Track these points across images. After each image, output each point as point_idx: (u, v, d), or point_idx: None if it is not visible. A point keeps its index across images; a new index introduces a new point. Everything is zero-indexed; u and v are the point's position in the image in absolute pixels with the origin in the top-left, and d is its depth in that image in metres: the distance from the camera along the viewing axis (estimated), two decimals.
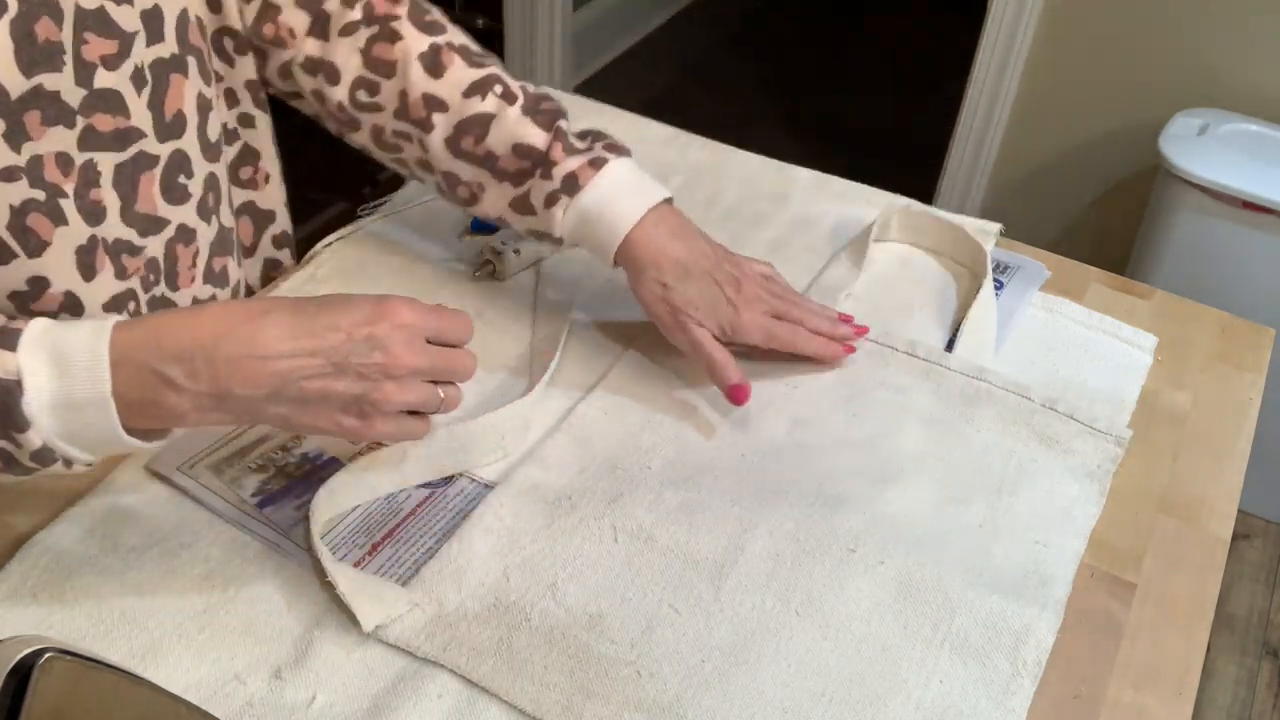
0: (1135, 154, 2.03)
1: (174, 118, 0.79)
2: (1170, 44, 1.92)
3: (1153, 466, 0.86)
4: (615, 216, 0.83)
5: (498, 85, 0.85)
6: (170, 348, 0.61)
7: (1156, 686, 0.71)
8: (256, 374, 0.62)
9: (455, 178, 0.87)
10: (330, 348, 0.63)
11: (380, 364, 0.64)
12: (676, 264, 0.83)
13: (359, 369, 0.64)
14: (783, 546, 0.76)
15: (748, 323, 0.85)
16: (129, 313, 0.80)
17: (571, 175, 0.83)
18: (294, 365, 0.63)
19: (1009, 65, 2.05)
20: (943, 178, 2.23)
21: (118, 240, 0.78)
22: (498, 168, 0.85)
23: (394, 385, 0.65)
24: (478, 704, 0.66)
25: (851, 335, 0.90)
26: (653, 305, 0.84)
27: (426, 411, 0.69)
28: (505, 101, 0.85)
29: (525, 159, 0.84)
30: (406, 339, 0.65)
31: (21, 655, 0.51)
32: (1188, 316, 1.01)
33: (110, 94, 0.74)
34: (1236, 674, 1.75)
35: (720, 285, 0.84)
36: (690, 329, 0.84)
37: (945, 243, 1.04)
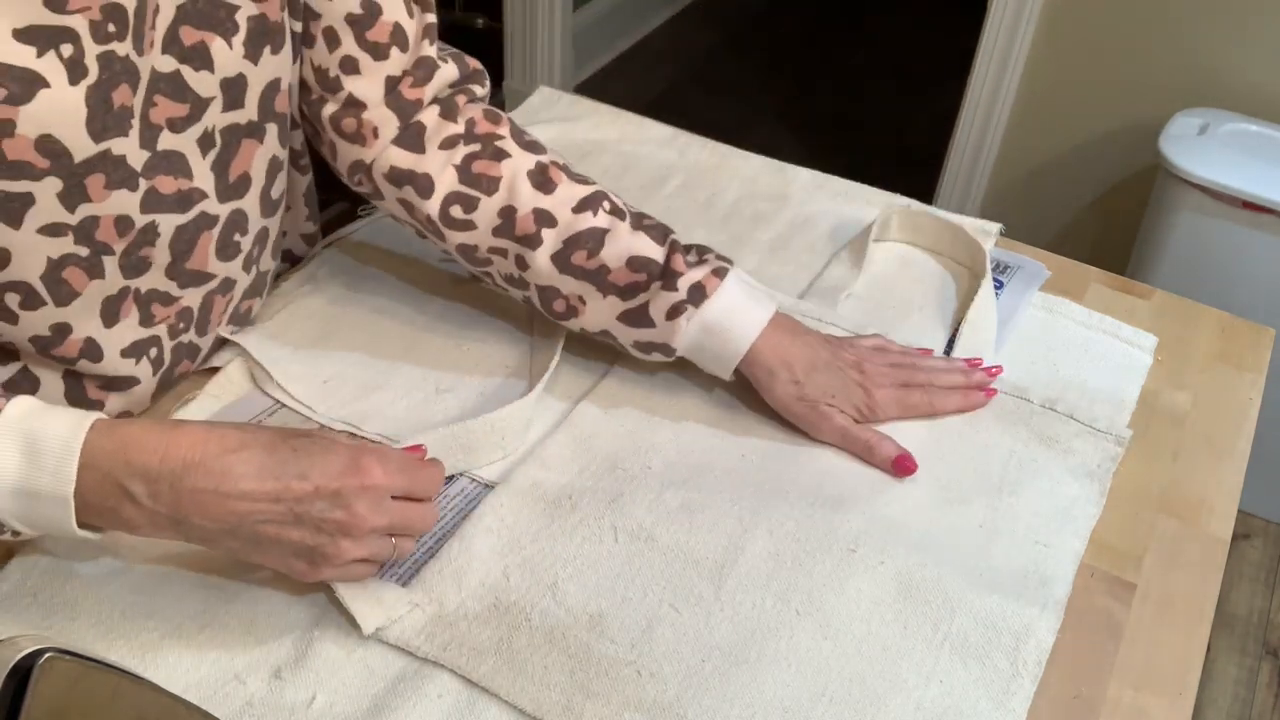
0: (1135, 154, 2.03)
1: (238, 179, 0.79)
2: (1170, 44, 1.92)
3: (1153, 466, 0.86)
4: (742, 325, 0.82)
5: (606, 202, 0.85)
6: (138, 465, 0.61)
7: (1156, 686, 0.71)
8: (216, 510, 0.62)
9: (555, 291, 0.85)
10: (294, 498, 0.63)
11: (340, 521, 0.64)
12: (803, 361, 0.83)
13: (318, 523, 0.64)
14: (783, 546, 0.76)
15: (882, 400, 0.85)
16: (149, 358, 0.81)
17: (698, 285, 0.82)
18: (254, 509, 0.62)
19: (1009, 65, 2.05)
20: (943, 178, 2.23)
21: (152, 290, 0.78)
22: (607, 281, 0.83)
23: (349, 542, 0.65)
24: (478, 704, 0.66)
25: (988, 380, 0.89)
26: (792, 405, 0.83)
27: (377, 561, 0.68)
28: (616, 217, 0.84)
29: (641, 271, 0.83)
30: (372, 500, 0.64)
31: (21, 655, 0.51)
32: (1188, 316, 1.01)
33: (174, 155, 0.74)
34: (1236, 674, 1.75)
35: (845, 370, 0.84)
36: (834, 418, 0.83)
37: (945, 243, 1.04)
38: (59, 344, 0.75)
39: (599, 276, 0.83)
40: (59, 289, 0.72)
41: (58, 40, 0.64)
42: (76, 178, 0.68)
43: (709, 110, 2.90)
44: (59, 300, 0.73)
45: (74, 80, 0.65)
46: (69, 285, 0.73)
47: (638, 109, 1.21)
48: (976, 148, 2.16)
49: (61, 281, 0.72)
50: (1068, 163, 2.12)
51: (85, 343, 0.76)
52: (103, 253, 0.73)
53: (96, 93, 0.67)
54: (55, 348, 0.75)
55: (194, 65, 0.73)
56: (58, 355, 0.76)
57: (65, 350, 0.76)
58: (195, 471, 0.61)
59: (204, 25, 0.73)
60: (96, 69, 0.66)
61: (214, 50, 0.74)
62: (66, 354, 0.76)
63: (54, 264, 0.71)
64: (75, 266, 0.72)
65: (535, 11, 2.62)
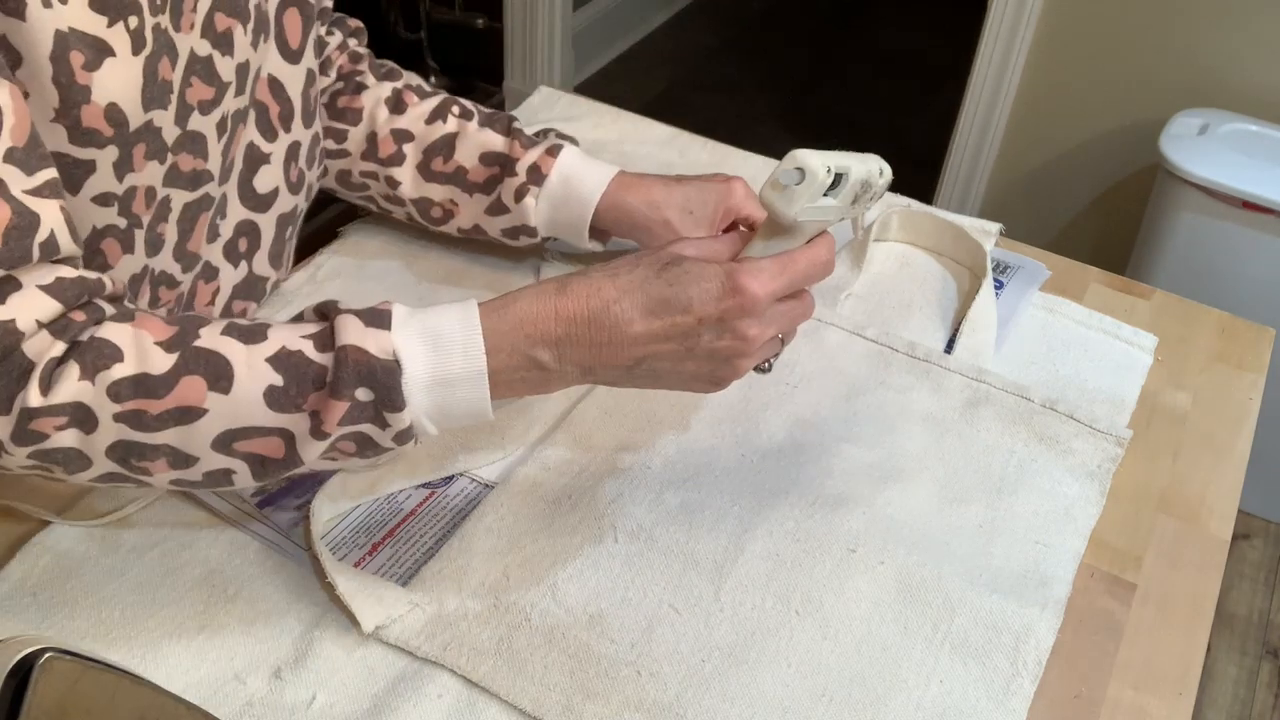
0: (1135, 154, 2.03)
1: (229, 163, 0.81)
2: (1170, 44, 1.92)
3: (1153, 466, 0.86)
4: (584, 190, 0.89)
5: (455, 106, 0.93)
6: (538, 335, 0.65)
7: (1156, 686, 0.71)
8: (615, 357, 0.65)
9: (428, 201, 0.93)
10: (681, 333, 0.65)
11: (729, 347, 0.66)
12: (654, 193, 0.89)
13: (709, 351, 0.66)
14: (783, 546, 0.76)
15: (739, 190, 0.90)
16: None
17: (534, 166, 0.89)
18: (648, 350, 0.65)
19: (1009, 65, 2.05)
20: (943, 178, 2.23)
21: (162, 272, 0.79)
22: (468, 181, 0.91)
23: (743, 360, 0.67)
24: (478, 704, 0.66)
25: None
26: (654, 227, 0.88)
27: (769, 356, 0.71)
28: (464, 119, 0.92)
29: (494, 165, 0.91)
30: (755, 318, 0.65)
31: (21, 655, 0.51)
32: (1188, 316, 1.01)
33: (198, 136, 0.75)
34: (1236, 674, 1.75)
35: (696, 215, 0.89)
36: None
37: (945, 243, 1.04)
38: None
39: (460, 178, 0.91)
40: (94, 258, 0.72)
41: (126, 12, 0.65)
42: (128, 147, 0.69)
43: (709, 110, 2.90)
44: (95, 270, 0.72)
45: (135, 51, 0.66)
46: (104, 257, 0.72)
47: (638, 109, 1.21)
48: (976, 148, 2.16)
49: (98, 252, 0.72)
50: (1068, 163, 2.12)
51: None
52: (134, 225, 0.73)
53: (149, 64, 0.68)
54: None
55: (222, 51, 0.75)
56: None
57: None
58: (590, 327, 0.64)
59: (232, 13, 0.75)
60: (151, 41, 0.68)
61: (235, 37, 0.76)
62: None
63: (97, 233, 0.71)
64: (113, 238, 0.72)
65: (535, 11, 2.62)
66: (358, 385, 0.62)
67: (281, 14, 0.81)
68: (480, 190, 0.92)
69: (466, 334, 0.64)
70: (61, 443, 0.61)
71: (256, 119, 0.82)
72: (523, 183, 0.89)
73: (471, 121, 0.92)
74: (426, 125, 0.92)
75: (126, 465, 0.63)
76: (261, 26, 0.79)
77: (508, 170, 0.90)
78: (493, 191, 0.91)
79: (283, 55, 0.82)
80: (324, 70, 0.94)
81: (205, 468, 0.64)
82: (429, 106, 0.93)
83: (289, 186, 0.86)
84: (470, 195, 0.92)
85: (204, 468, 0.64)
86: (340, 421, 0.62)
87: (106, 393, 0.61)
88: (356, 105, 0.93)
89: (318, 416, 0.62)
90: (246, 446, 0.63)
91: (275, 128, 0.84)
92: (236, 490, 0.73)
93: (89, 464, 0.63)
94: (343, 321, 0.63)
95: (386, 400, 0.62)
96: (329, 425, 0.62)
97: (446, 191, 0.92)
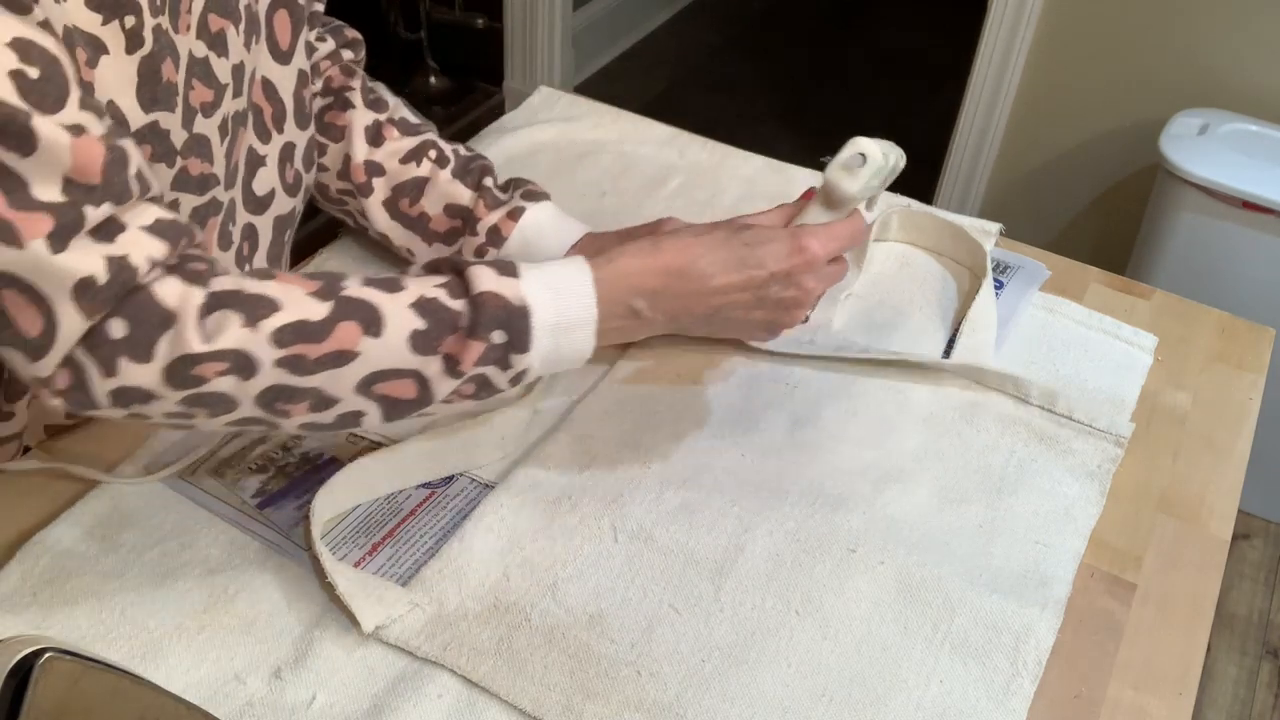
0: (1135, 154, 2.03)
1: (233, 168, 0.81)
2: (1170, 44, 1.92)
3: (1153, 466, 0.86)
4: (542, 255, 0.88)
5: (433, 150, 0.93)
6: (639, 286, 0.72)
7: (1156, 686, 0.71)
8: (699, 306, 0.74)
9: (388, 239, 0.94)
10: (756, 285, 0.74)
11: (793, 298, 0.76)
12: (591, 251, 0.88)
13: (775, 302, 0.75)
14: (783, 546, 0.76)
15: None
16: None
17: (494, 228, 0.89)
18: (727, 299, 0.74)
19: (1009, 65, 2.05)
20: (943, 178, 2.23)
21: None
22: (429, 230, 0.92)
23: (799, 310, 0.77)
24: (478, 704, 0.66)
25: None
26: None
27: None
28: (438, 165, 0.92)
29: (456, 218, 0.91)
30: (814, 273, 0.75)
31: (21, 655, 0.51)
32: (1188, 316, 1.01)
33: (203, 140, 0.75)
34: (1236, 674, 1.75)
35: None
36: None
37: (945, 243, 1.04)
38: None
39: (422, 225, 0.92)
40: None
41: (123, 11, 0.66)
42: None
43: (709, 110, 2.90)
44: None
45: (130, 50, 0.67)
46: None
47: (638, 109, 1.21)
48: (976, 148, 2.16)
49: None
50: (1068, 163, 2.12)
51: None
52: None
53: (148, 63, 0.68)
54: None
55: (217, 52, 0.75)
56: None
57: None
58: (682, 278, 0.73)
59: (224, 14, 0.75)
60: (151, 41, 0.68)
61: (228, 38, 0.76)
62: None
63: None
64: None
65: (535, 11, 2.62)
66: (494, 328, 0.68)
67: (271, 15, 0.81)
68: (440, 240, 0.92)
69: (581, 283, 0.71)
70: (217, 388, 0.65)
71: (253, 121, 0.82)
72: (481, 244, 0.89)
73: (445, 170, 0.92)
74: (400, 164, 0.92)
75: (270, 409, 0.67)
76: (252, 28, 0.79)
77: (469, 228, 0.90)
78: (454, 244, 0.91)
79: (273, 56, 0.82)
80: (313, 77, 0.93)
81: (341, 410, 0.68)
82: (406, 146, 0.93)
83: (285, 188, 0.86)
84: (429, 245, 0.92)
85: (340, 410, 0.68)
86: (476, 362, 0.68)
87: (270, 339, 0.64)
88: (340, 123, 0.93)
89: (452, 358, 0.68)
90: (384, 389, 0.68)
91: (269, 129, 0.84)
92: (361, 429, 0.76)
93: (234, 408, 0.66)
94: (476, 271, 0.69)
95: (517, 342, 0.69)
96: (465, 365, 0.68)
97: (406, 238, 0.92)
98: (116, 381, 0.63)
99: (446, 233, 0.91)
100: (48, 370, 0.63)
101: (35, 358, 0.62)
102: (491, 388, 0.70)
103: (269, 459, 0.80)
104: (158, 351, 0.63)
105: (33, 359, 0.62)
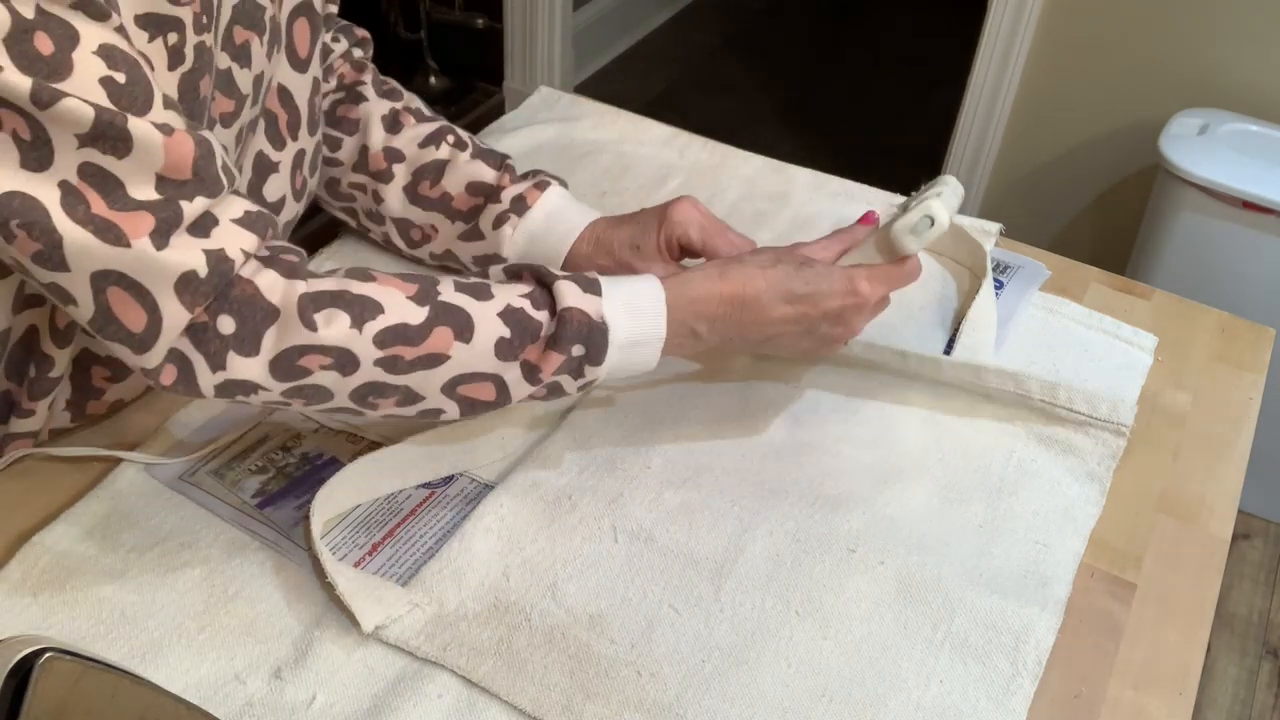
0: (1135, 154, 2.03)
1: (240, 171, 0.81)
2: (1170, 44, 1.92)
3: (1153, 466, 0.86)
4: (561, 231, 0.90)
5: (450, 135, 0.94)
6: (704, 312, 0.76)
7: (1156, 686, 0.71)
8: (754, 333, 0.78)
9: (409, 223, 0.94)
10: (809, 320, 0.78)
11: (839, 334, 0.80)
12: (601, 233, 0.91)
13: (823, 335, 0.79)
14: (783, 546, 0.76)
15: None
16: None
17: (520, 197, 0.91)
18: (780, 330, 0.78)
19: (1009, 65, 2.05)
20: None
21: None
22: (452, 208, 0.92)
23: (842, 343, 0.82)
24: (478, 704, 0.66)
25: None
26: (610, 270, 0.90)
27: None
28: (457, 149, 0.93)
29: (478, 195, 0.92)
30: (863, 312, 0.79)
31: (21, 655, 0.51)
32: (1188, 316, 1.01)
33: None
34: (1236, 674, 1.75)
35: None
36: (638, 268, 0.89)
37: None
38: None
39: (445, 204, 0.92)
40: None
41: (167, 28, 0.67)
42: None
43: (709, 110, 2.90)
44: None
45: (172, 67, 0.68)
46: None
47: (638, 109, 1.20)
48: (976, 148, 2.16)
49: None
50: (1068, 163, 2.12)
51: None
52: None
53: (188, 80, 0.69)
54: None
55: (240, 64, 0.75)
56: (90, 345, 0.77)
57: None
58: (743, 309, 0.76)
59: (250, 25, 0.75)
60: (192, 58, 0.69)
61: (252, 49, 0.76)
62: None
63: None
64: None
65: (535, 11, 2.62)
66: (575, 342, 0.71)
67: (292, 23, 0.82)
68: (462, 218, 0.92)
69: (655, 305, 0.74)
70: (319, 380, 0.68)
71: (266, 128, 0.83)
72: (504, 210, 0.90)
73: (464, 152, 0.93)
74: (419, 149, 0.93)
75: (362, 402, 0.71)
76: (275, 37, 0.79)
77: (491, 199, 0.91)
78: (474, 220, 0.92)
79: (292, 65, 0.83)
80: (325, 77, 0.95)
81: (425, 406, 0.72)
82: (424, 131, 0.94)
83: (294, 194, 0.87)
84: (452, 222, 0.93)
85: (424, 406, 0.72)
86: (555, 371, 0.72)
87: (372, 340, 0.68)
88: (354, 116, 0.93)
89: (531, 365, 0.72)
90: (467, 390, 0.71)
91: (284, 136, 0.84)
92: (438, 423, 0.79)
93: (329, 399, 0.70)
94: (562, 286, 0.72)
95: (593, 356, 0.72)
96: (545, 374, 0.72)
97: (428, 216, 0.93)
98: (225, 375, 0.67)
99: (469, 210, 0.92)
100: (154, 362, 0.66)
101: (140, 350, 0.65)
102: (562, 392, 0.74)
103: (269, 459, 0.80)
104: (264, 345, 0.67)
105: (138, 352, 0.65)
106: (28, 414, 0.78)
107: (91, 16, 0.60)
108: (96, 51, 0.60)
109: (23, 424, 0.78)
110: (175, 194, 0.63)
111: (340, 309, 0.68)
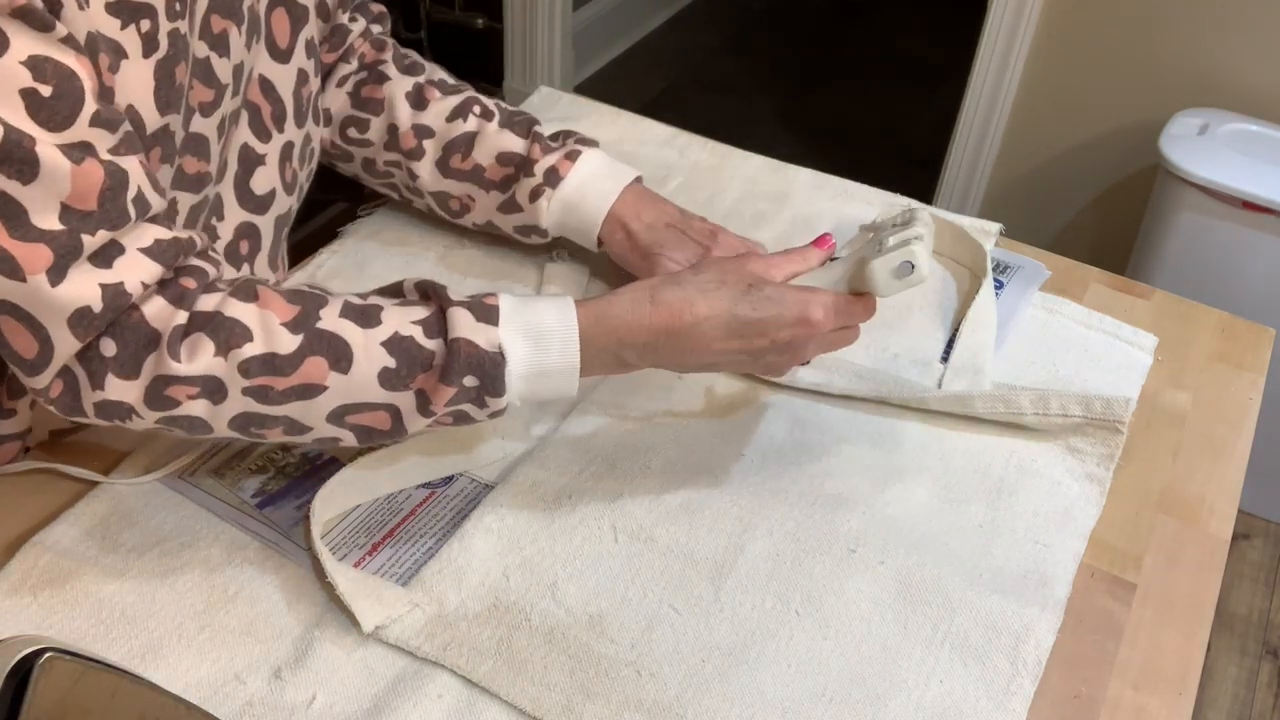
0: (1135, 154, 2.03)
1: (223, 163, 0.81)
2: (1170, 44, 1.92)
3: (1153, 466, 0.86)
4: (595, 199, 0.91)
5: (476, 106, 0.95)
6: (629, 341, 0.72)
7: (1156, 686, 0.71)
8: (692, 361, 0.74)
9: (446, 195, 0.95)
10: (753, 350, 0.74)
11: (787, 361, 0.76)
12: (646, 218, 0.92)
13: (769, 362, 0.76)
14: (783, 546, 0.76)
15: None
16: None
17: (553, 169, 0.91)
18: (721, 360, 0.74)
19: (1009, 65, 2.05)
20: (943, 178, 2.23)
21: None
22: (485, 178, 0.93)
23: (789, 369, 0.78)
24: (478, 704, 0.66)
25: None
26: (626, 255, 0.92)
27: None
28: (484, 119, 0.94)
29: (509, 165, 0.92)
30: (815, 341, 0.75)
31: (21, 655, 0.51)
32: (1188, 316, 1.01)
33: (200, 139, 0.76)
34: (1236, 674, 1.75)
35: (687, 234, 0.92)
36: (665, 265, 0.89)
37: (945, 243, 1.04)
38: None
39: (478, 175, 0.93)
40: None
41: (139, 15, 0.66)
42: (145, 150, 0.70)
43: (709, 110, 2.90)
44: None
45: (146, 54, 0.67)
46: None
47: (638, 109, 1.20)
48: (976, 148, 2.16)
49: None
50: (1068, 163, 2.12)
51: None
52: None
53: (164, 67, 0.69)
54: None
55: (219, 53, 0.75)
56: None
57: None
58: (675, 338, 0.72)
59: (227, 15, 0.75)
60: (166, 44, 0.68)
61: (230, 39, 0.76)
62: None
63: None
64: None
65: (535, 11, 2.62)
66: (466, 374, 0.68)
67: (270, 14, 0.81)
68: (496, 188, 0.93)
69: (565, 333, 0.71)
70: (191, 411, 0.67)
71: (250, 120, 0.83)
72: (539, 184, 0.91)
73: (492, 122, 0.93)
74: (447, 123, 0.93)
75: (246, 432, 0.69)
76: (254, 28, 0.79)
77: (524, 171, 0.91)
78: (508, 190, 0.93)
79: (272, 55, 0.83)
80: (346, 58, 0.95)
81: (316, 435, 0.70)
82: (450, 104, 0.94)
83: (284, 187, 0.86)
84: (487, 192, 0.93)
85: (315, 435, 0.70)
86: (447, 403, 0.69)
87: (238, 369, 0.66)
88: (379, 95, 0.94)
89: (425, 396, 0.69)
90: (357, 419, 0.70)
91: (269, 128, 0.84)
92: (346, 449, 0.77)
93: (210, 430, 0.69)
94: (455, 314, 0.69)
95: (490, 387, 0.69)
96: (436, 406, 0.69)
97: (463, 187, 0.94)
98: (102, 395, 0.66)
99: (501, 180, 0.93)
100: (43, 383, 0.66)
101: (32, 374, 0.65)
102: (470, 420, 0.72)
103: (269, 459, 0.80)
104: (144, 370, 0.65)
105: (29, 375, 0.66)
106: (9, 414, 0.77)
107: (31, 26, 0.59)
108: (25, 62, 0.59)
109: (7, 425, 0.78)
110: (78, 225, 0.62)
111: (207, 335, 0.66)
